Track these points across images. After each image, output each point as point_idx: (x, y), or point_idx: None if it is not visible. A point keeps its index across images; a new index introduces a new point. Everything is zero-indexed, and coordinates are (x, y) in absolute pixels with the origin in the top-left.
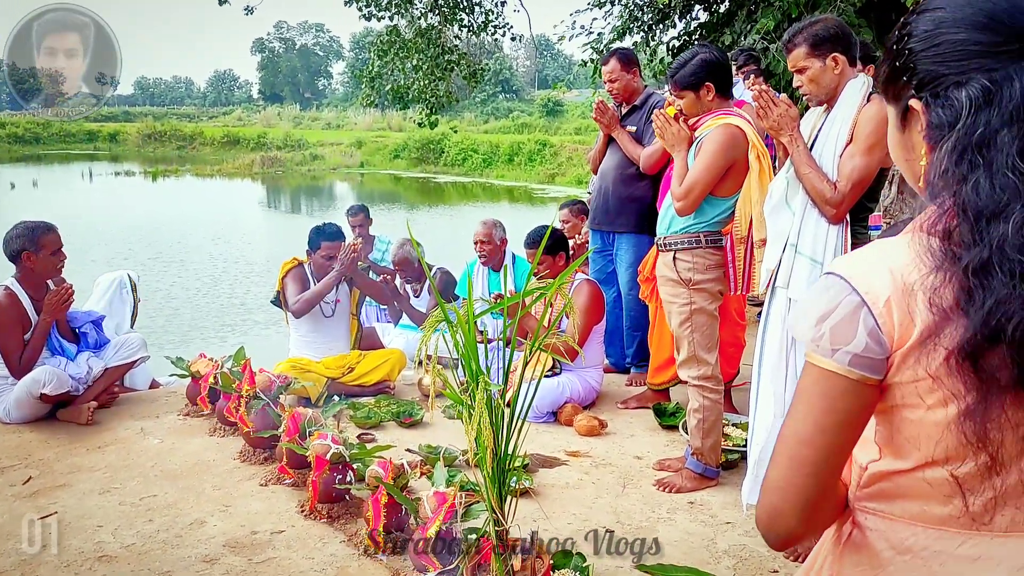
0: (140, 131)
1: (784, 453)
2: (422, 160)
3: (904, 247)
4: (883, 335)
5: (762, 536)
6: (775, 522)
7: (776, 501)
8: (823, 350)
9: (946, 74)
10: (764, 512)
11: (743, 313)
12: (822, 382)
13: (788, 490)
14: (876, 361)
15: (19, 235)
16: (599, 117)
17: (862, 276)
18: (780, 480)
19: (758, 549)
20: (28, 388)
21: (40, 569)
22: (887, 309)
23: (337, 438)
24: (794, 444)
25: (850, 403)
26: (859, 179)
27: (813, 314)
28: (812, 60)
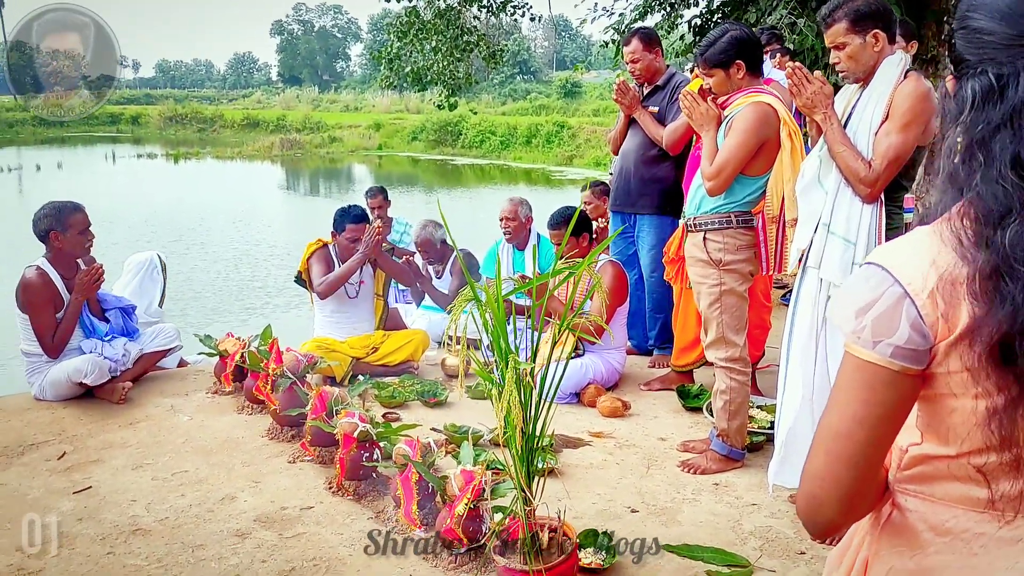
0: (161, 114)
1: (823, 445)
2: (440, 142)
3: (938, 237)
4: (926, 327)
5: (803, 524)
6: (815, 512)
7: (816, 491)
8: (864, 342)
9: (967, 60)
10: (804, 502)
11: (769, 295)
12: (862, 373)
13: (827, 481)
14: (919, 352)
15: (47, 215)
16: (620, 98)
17: (904, 267)
18: (819, 471)
19: (784, 531)
20: (69, 375)
21: (77, 542)
22: (931, 300)
23: (364, 416)
24: (832, 436)
25: (891, 394)
26: (894, 157)
27: (854, 305)
28: (852, 36)
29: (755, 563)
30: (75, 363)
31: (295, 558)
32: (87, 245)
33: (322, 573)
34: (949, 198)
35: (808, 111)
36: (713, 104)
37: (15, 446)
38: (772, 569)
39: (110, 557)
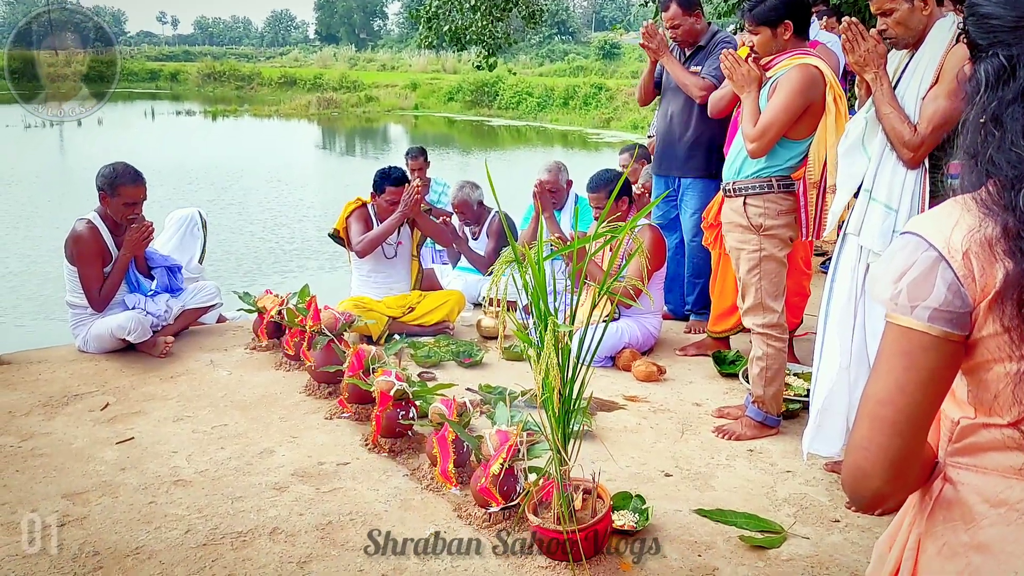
0: (200, 71)
1: (866, 413)
2: (476, 103)
3: (968, 205)
4: (964, 288)
5: (849, 497)
6: (860, 483)
7: (860, 461)
8: (902, 308)
9: (979, 44)
10: (848, 473)
11: (810, 262)
12: (902, 340)
13: (872, 450)
14: (958, 315)
15: (105, 174)
16: (647, 42)
17: (938, 231)
18: (863, 440)
19: (818, 498)
20: (112, 331)
21: (120, 491)
22: (966, 261)
23: (400, 375)
24: (875, 404)
25: (931, 360)
26: (941, 122)
27: (890, 273)
28: (900, 1)
29: (789, 530)
30: (119, 319)
31: (332, 512)
32: (129, 217)
33: (358, 527)
34: (974, 175)
35: (859, 69)
36: (755, 65)
37: (60, 396)
38: (806, 536)
39: (152, 506)
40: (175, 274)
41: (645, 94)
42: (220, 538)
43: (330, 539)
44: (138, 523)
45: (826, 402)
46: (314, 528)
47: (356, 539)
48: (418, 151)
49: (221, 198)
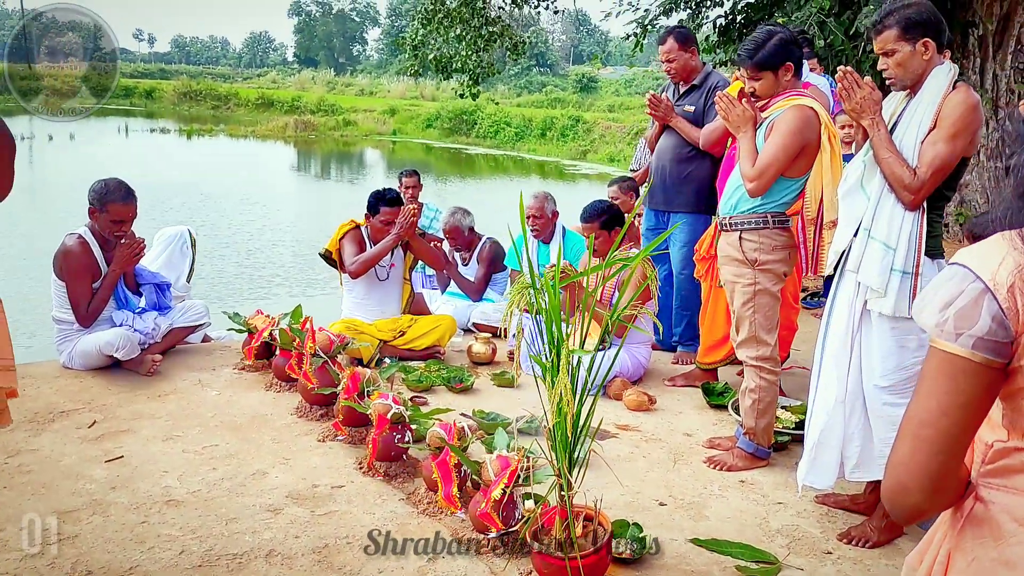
0: (176, 89)
1: (909, 432)
2: (454, 131)
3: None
4: (1007, 319)
5: (888, 510)
6: (900, 498)
7: (902, 478)
8: (947, 334)
9: None
10: (890, 489)
11: (797, 297)
12: (946, 365)
13: (913, 468)
14: (1000, 345)
15: (96, 190)
16: (653, 111)
17: (985, 265)
18: (905, 458)
19: (811, 530)
20: (100, 348)
21: (111, 509)
22: (1011, 295)
23: (397, 399)
24: (918, 424)
25: (973, 385)
26: (940, 166)
27: (938, 301)
28: (902, 44)
29: (783, 560)
30: (107, 336)
31: (328, 535)
32: (117, 234)
33: (355, 551)
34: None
35: (856, 116)
36: (749, 106)
37: (46, 413)
38: (800, 567)
39: (144, 526)
40: (164, 292)
41: (653, 147)
42: (216, 559)
43: (327, 562)
44: (131, 543)
45: (822, 436)
46: (311, 551)
47: (354, 563)
48: (412, 171)
49: (194, 218)
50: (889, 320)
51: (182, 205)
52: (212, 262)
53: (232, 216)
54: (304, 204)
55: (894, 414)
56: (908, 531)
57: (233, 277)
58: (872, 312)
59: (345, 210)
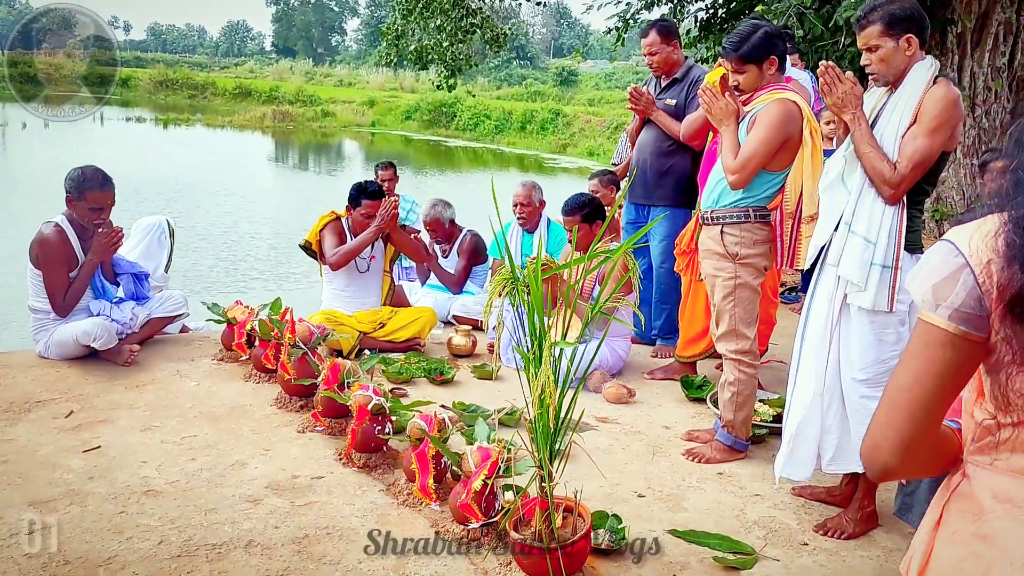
0: (152, 78)
1: (887, 396)
2: (434, 123)
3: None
4: (983, 293)
5: (864, 468)
6: (873, 455)
7: (876, 438)
8: (928, 305)
9: None
10: (865, 446)
11: (776, 291)
12: (925, 335)
13: (886, 429)
14: (975, 318)
15: (73, 178)
16: (634, 104)
17: (968, 240)
18: (880, 419)
19: (787, 522)
20: (77, 337)
21: (88, 500)
22: (987, 270)
23: (378, 390)
24: (894, 388)
25: (948, 355)
26: (920, 161)
27: (923, 273)
28: (885, 40)
29: (760, 551)
30: (83, 325)
31: (308, 526)
32: (95, 222)
33: (335, 542)
34: None
35: (837, 110)
36: (732, 99)
37: (22, 402)
38: (776, 558)
39: (123, 516)
40: (142, 282)
41: (634, 140)
42: (195, 549)
43: (307, 553)
44: (109, 533)
45: (799, 428)
46: (290, 542)
47: (333, 553)
48: (388, 163)
49: (171, 207)
50: (868, 314)
51: (158, 195)
52: (188, 253)
53: (209, 207)
54: (282, 195)
55: (872, 407)
56: (883, 523)
57: (208, 269)
58: (852, 306)
59: (323, 202)
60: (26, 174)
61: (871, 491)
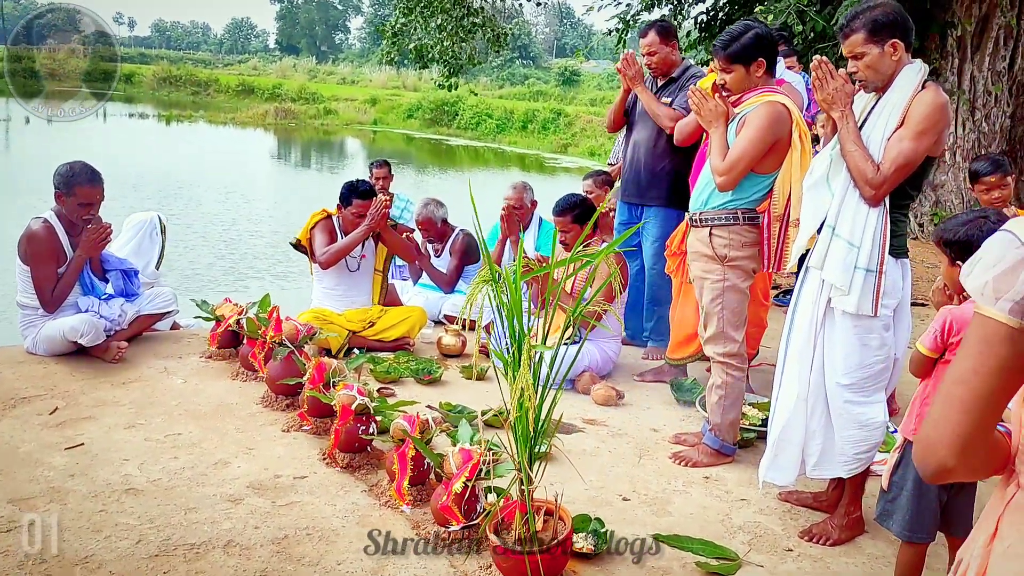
0: (155, 74)
1: (943, 391)
2: (435, 122)
3: None
4: None
5: (917, 468)
6: (928, 455)
7: (931, 434)
8: (987, 298)
9: None
10: (919, 444)
11: (768, 294)
12: (983, 328)
13: (942, 425)
14: None
15: (62, 173)
16: (625, 68)
17: None
18: (936, 416)
19: (772, 527)
20: (64, 333)
21: (68, 497)
22: None
23: (362, 390)
24: (951, 383)
25: (1007, 350)
26: (904, 163)
27: (981, 265)
28: (870, 46)
29: (744, 557)
30: (71, 321)
31: (288, 526)
32: (84, 218)
33: (315, 542)
34: None
35: (827, 107)
36: (722, 100)
37: (7, 398)
38: (760, 564)
39: (102, 515)
40: (131, 278)
41: (615, 120)
42: (172, 549)
43: (286, 554)
44: (87, 531)
45: (783, 432)
46: (269, 542)
47: (312, 554)
48: (383, 162)
49: (171, 204)
50: (852, 318)
51: (158, 192)
52: (186, 251)
53: (209, 204)
54: (283, 193)
55: (855, 412)
56: (869, 529)
57: (206, 267)
58: (835, 309)
59: (324, 200)
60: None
61: (857, 497)
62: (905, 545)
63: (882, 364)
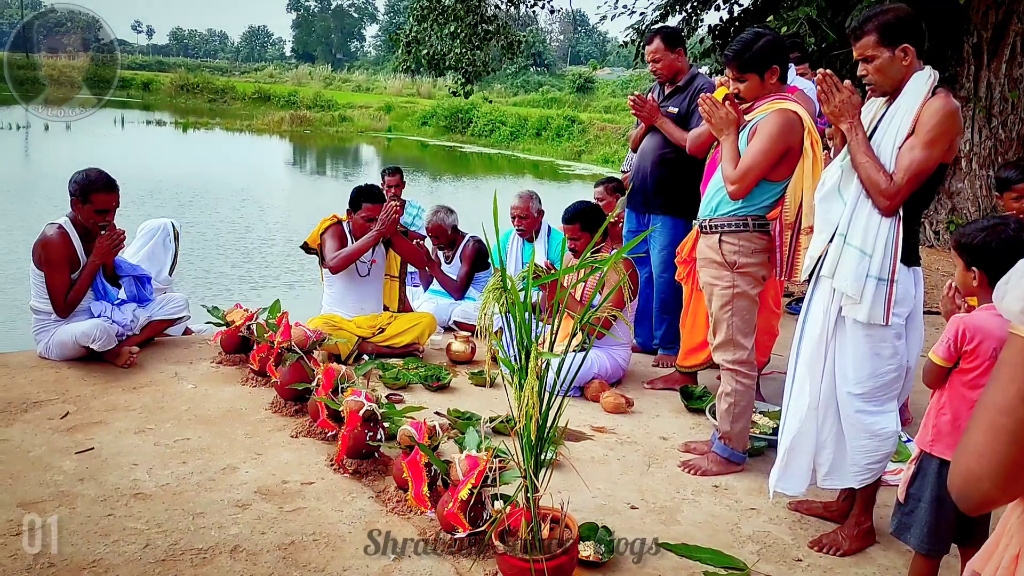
0: (173, 82)
1: (984, 420)
2: (450, 129)
3: None
4: None
5: (954, 499)
6: (970, 486)
7: (973, 466)
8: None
9: None
10: (960, 477)
11: (779, 302)
12: (1021, 354)
13: (986, 456)
14: None
15: (78, 180)
16: (638, 111)
17: None
18: (979, 446)
19: (782, 536)
20: (77, 338)
21: (77, 502)
22: None
23: (370, 396)
24: (994, 412)
25: None
26: (916, 172)
27: (1020, 288)
28: (880, 50)
29: (752, 567)
30: (83, 327)
31: (295, 532)
32: (100, 224)
33: (321, 548)
34: None
35: (835, 119)
36: (732, 108)
37: (19, 403)
38: (768, 574)
39: (110, 519)
40: (144, 284)
41: (636, 147)
42: (179, 554)
43: (292, 559)
44: (95, 536)
45: (794, 441)
46: (276, 547)
47: (318, 560)
48: (395, 169)
49: (188, 210)
50: (864, 327)
51: (174, 198)
52: (200, 261)
53: (225, 211)
54: (298, 200)
55: (867, 421)
56: (881, 540)
57: (218, 275)
58: (847, 319)
59: (338, 207)
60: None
61: (869, 507)
62: (919, 557)
63: (894, 373)
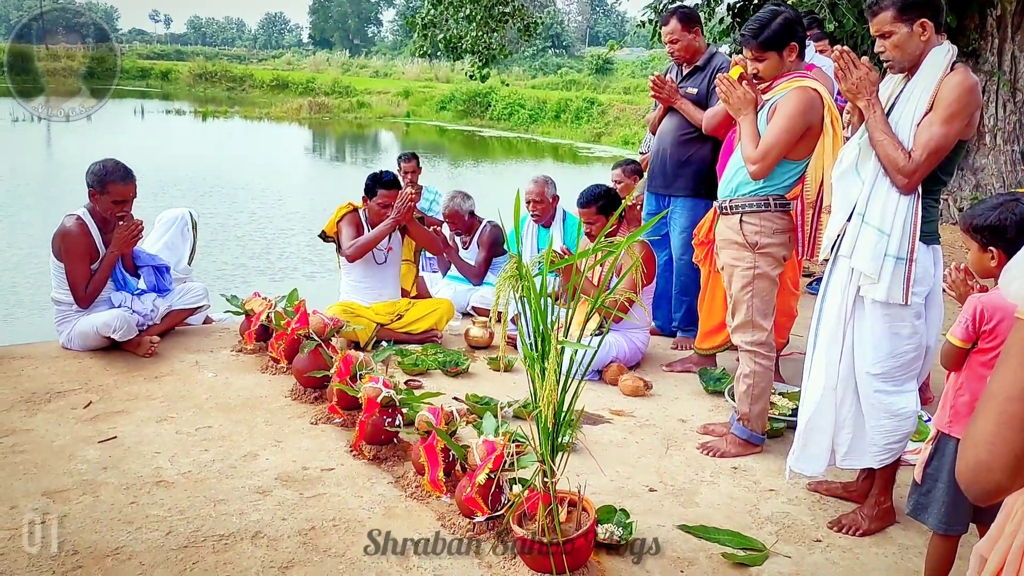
0: (191, 71)
1: (993, 409)
2: (468, 113)
3: None
4: None
5: (964, 490)
6: (980, 476)
7: (983, 456)
8: None
9: None
10: (968, 467)
11: (798, 283)
12: None
13: (996, 445)
14: None
15: (96, 171)
16: (657, 93)
17: None
18: (988, 435)
19: (801, 517)
20: (98, 329)
21: (101, 490)
22: None
23: (388, 382)
24: (1004, 400)
25: None
26: (935, 149)
27: None
28: (898, 25)
29: (771, 548)
30: (104, 317)
31: (315, 517)
32: (118, 215)
33: (341, 533)
34: None
35: (852, 96)
36: (751, 88)
37: (42, 393)
38: (788, 555)
39: (133, 507)
40: (163, 274)
41: (655, 128)
42: (201, 540)
43: (312, 544)
44: (119, 523)
45: (811, 422)
46: (297, 533)
47: (339, 545)
48: (411, 155)
49: (208, 199)
50: (882, 306)
51: (193, 188)
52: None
53: (244, 200)
54: (317, 187)
55: (886, 401)
56: (900, 519)
57: (244, 259)
58: (865, 298)
59: (357, 194)
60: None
61: (888, 487)
62: (937, 536)
63: (913, 353)
